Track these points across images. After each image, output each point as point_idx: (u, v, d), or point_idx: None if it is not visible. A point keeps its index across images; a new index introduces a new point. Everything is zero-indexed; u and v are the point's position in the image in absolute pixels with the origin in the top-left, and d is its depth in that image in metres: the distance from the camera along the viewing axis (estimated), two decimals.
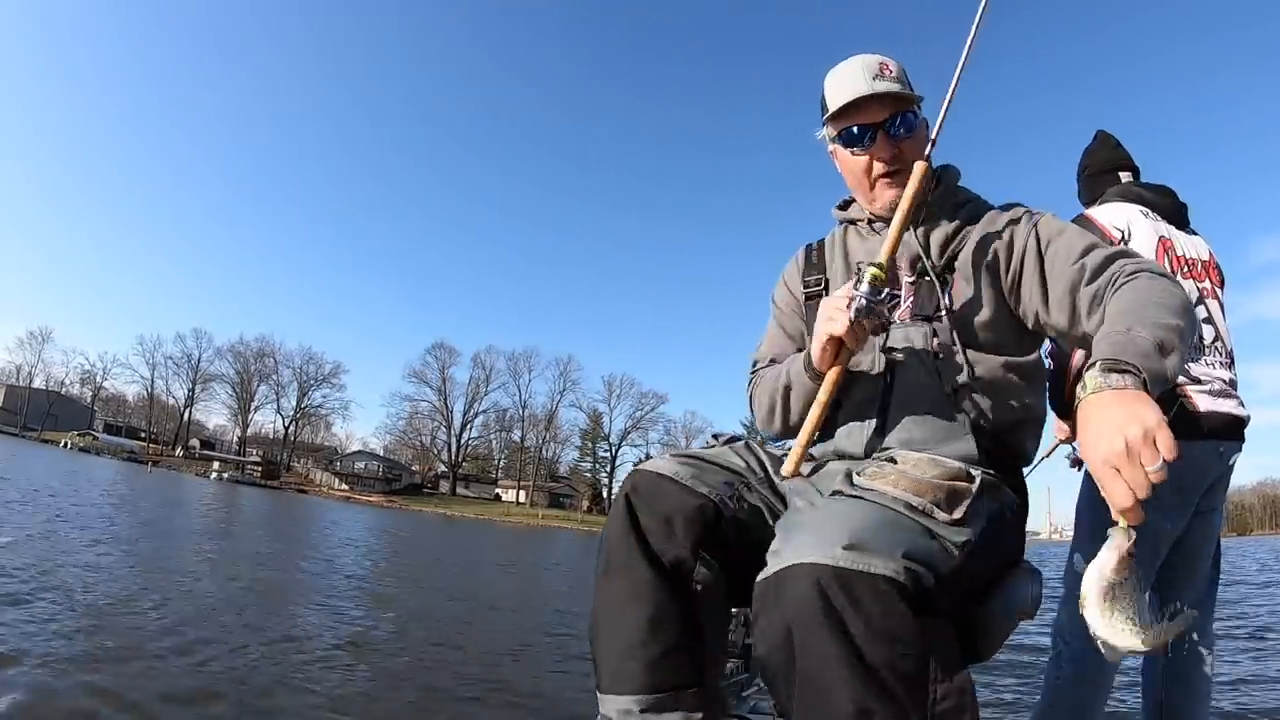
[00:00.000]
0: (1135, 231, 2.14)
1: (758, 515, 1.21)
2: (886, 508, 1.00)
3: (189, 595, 5.60)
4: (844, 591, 0.84)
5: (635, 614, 1.09)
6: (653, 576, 1.10)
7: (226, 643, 4.19)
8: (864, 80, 1.34)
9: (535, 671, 4.74)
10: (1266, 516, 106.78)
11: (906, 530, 0.97)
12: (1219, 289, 2.20)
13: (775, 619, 0.89)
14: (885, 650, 0.83)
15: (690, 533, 1.12)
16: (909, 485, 1.04)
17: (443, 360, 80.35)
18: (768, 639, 0.90)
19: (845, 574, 0.85)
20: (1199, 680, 2.10)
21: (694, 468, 1.20)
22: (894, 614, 0.85)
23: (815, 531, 0.93)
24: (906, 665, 0.83)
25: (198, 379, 78.15)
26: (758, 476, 1.28)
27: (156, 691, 3.16)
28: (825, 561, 0.86)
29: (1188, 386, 2.03)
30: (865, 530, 0.91)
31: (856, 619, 0.83)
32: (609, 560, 1.15)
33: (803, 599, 0.86)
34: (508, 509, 68.80)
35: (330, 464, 76.02)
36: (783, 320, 1.58)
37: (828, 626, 0.83)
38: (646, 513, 1.14)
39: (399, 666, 4.37)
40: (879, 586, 0.85)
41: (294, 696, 3.42)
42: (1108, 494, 0.86)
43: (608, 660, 1.10)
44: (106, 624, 4.22)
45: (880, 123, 1.35)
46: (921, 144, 1.38)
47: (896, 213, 1.29)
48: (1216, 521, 2.17)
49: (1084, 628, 2.20)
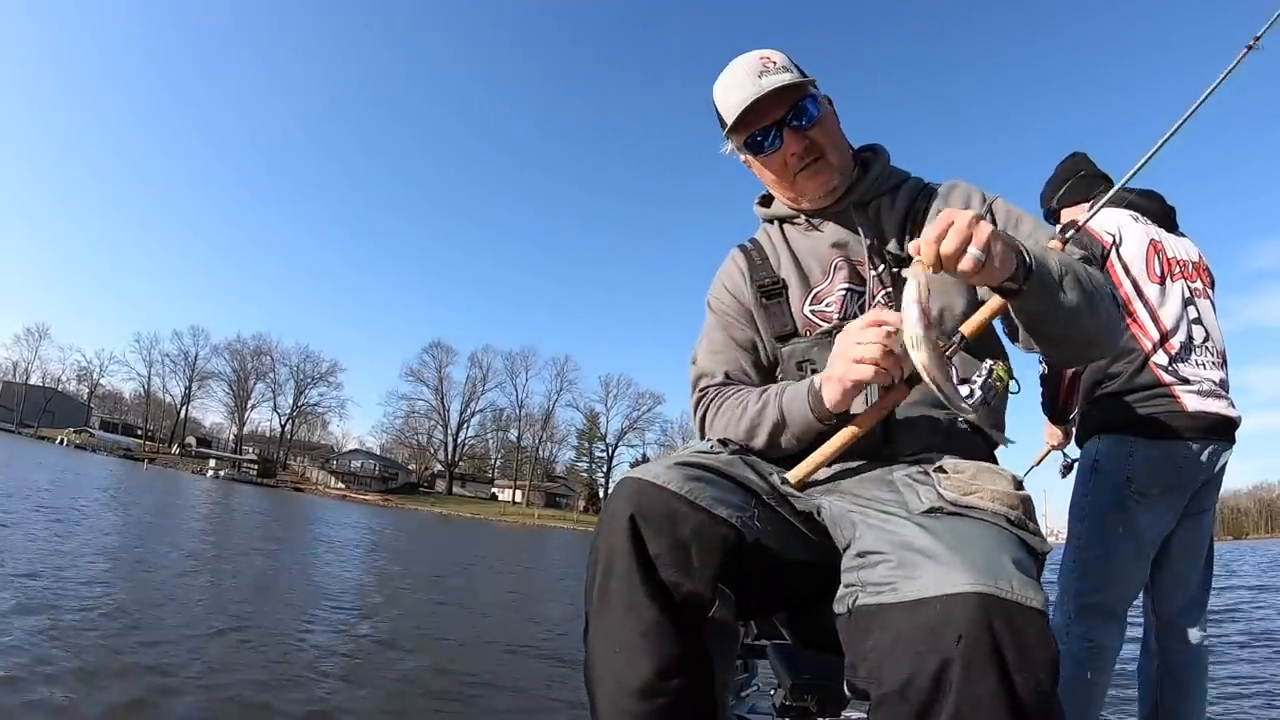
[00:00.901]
0: (1126, 235, 2.15)
1: (777, 535, 1.09)
2: (1000, 527, 0.96)
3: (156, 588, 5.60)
4: (1007, 624, 0.79)
5: (640, 658, 0.93)
6: (661, 614, 0.94)
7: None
8: (750, 83, 1.27)
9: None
10: (1262, 520, 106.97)
11: (1021, 550, 0.93)
12: (1209, 289, 2.22)
13: (925, 650, 0.80)
14: (1032, 687, 0.78)
15: (710, 564, 0.97)
16: (1001, 499, 1.01)
17: (440, 359, 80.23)
18: (912, 672, 0.80)
19: (1010, 605, 0.80)
20: (1195, 681, 2.12)
21: (709, 484, 1.04)
22: (1043, 648, 0.80)
23: (958, 555, 0.86)
24: (1041, 703, 0.78)
25: (194, 377, 77.89)
26: (774, 492, 1.15)
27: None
28: (992, 591, 0.80)
29: (1176, 386, 2.04)
30: (1009, 555, 0.88)
31: (1015, 653, 0.78)
32: (609, 590, 0.97)
33: (972, 631, 0.78)
34: (504, 508, 68.64)
35: (326, 462, 75.67)
36: (731, 329, 1.42)
37: (993, 661, 0.78)
38: (655, 537, 0.97)
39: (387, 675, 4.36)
40: (1034, 618, 0.81)
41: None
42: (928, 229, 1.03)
43: (608, 708, 0.95)
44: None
45: (781, 119, 1.29)
46: (832, 126, 1.35)
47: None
48: (1208, 523, 2.18)
49: (1081, 628, 2.18)
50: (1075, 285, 1.10)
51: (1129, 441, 2.06)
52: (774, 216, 1.46)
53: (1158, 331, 2.08)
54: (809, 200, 1.37)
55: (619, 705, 0.93)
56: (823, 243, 1.38)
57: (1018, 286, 1.05)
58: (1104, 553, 2.07)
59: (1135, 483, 2.03)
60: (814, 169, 1.32)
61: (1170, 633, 2.15)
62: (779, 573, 1.10)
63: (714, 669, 0.98)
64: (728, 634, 1.03)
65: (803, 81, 1.29)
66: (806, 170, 1.33)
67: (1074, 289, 1.09)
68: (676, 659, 0.93)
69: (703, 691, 0.96)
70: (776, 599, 1.19)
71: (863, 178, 1.37)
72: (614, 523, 0.99)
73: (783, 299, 1.37)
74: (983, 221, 1.00)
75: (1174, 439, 2.02)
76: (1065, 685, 2.02)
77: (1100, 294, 1.15)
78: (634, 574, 0.95)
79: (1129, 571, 2.07)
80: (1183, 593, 2.15)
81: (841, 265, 1.34)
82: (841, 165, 1.35)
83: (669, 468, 1.05)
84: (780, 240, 1.43)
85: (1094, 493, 2.12)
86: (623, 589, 0.96)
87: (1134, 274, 2.13)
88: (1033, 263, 1.05)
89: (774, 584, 1.12)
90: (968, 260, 0.99)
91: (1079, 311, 1.11)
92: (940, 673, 0.78)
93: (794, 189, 1.36)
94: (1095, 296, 1.13)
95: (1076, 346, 1.21)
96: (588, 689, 0.98)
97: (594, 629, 0.98)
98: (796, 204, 1.40)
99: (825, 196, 1.36)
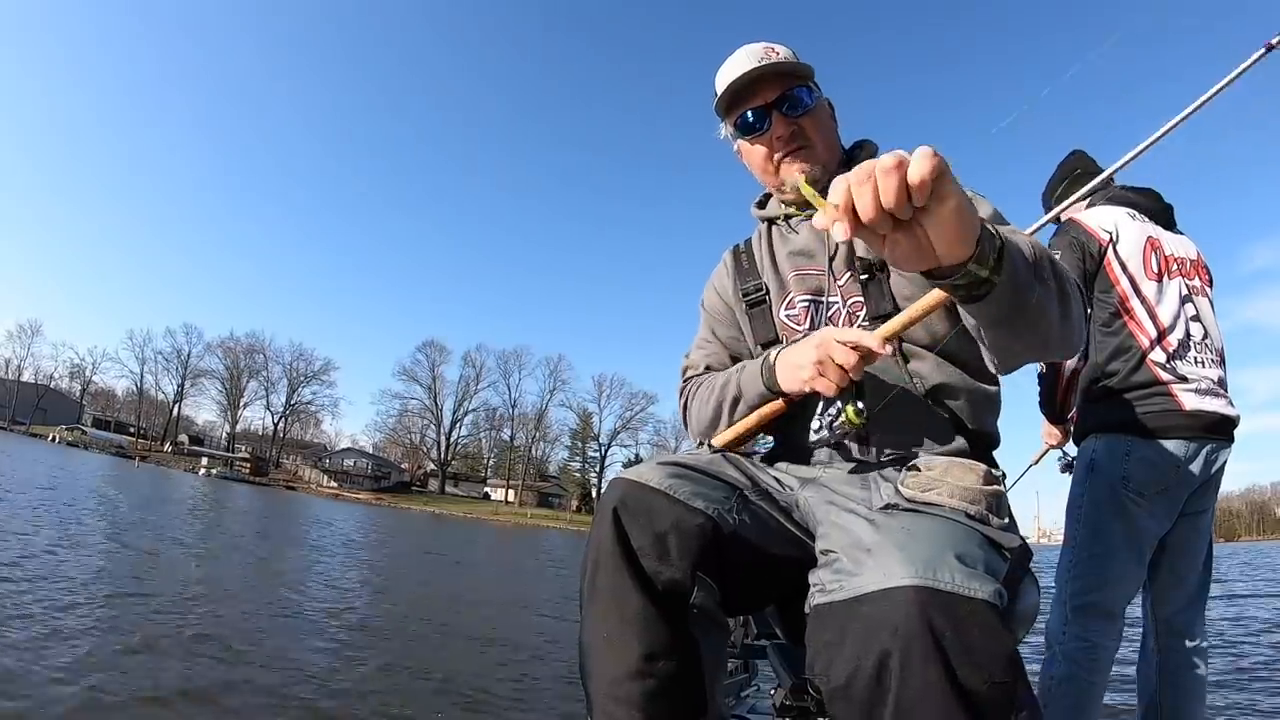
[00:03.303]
0: (1123, 233, 2.15)
1: (757, 529, 1.13)
2: (955, 521, 0.96)
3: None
4: (947, 616, 0.78)
5: (628, 644, 0.99)
6: (646, 602, 1.00)
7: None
8: (749, 64, 1.29)
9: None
10: (1254, 523, 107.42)
11: (977, 543, 0.92)
12: (1208, 287, 2.22)
13: (865, 646, 0.80)
14: (981, 680, 0.77)
15: (687, 553, 1.02)
16: (961, 493, 1.00)
17: (433, 358, 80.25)
18: (854, 667, 0.81)
19: (949, 597, 0.80)
20: (1193, 681, 2.11)
21: (689, 480, 1.10)
22: (992, 640, 0.79)
23: (899, 550, 0.86)
24: (996, 695, 0.78)
25: (187, 374, 77.70)
26: (757, 488, 1.20)
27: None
28: (928, 584, 0.80)
29: (1173, 384, 2.03)
30: (955, 549, 0.87)
31: (958, 646, 0.77)
32: (597, 583, 1.04)
33: (906, 624, 0.78)
34: (496, 508, 68.61)
35: (319, 461, 75.63)
36: (717, 328, 1.49)
37: (933, 655, 0.77)
38: (637, 530, 1.03)
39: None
40: (979, 610, 0.80)
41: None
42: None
43: (600, 695, 1.00)
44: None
45: (772, 102, 1.30)
46: (824, 122, 1.35)
47: (893, 322, 1.12)
48: (1206, 523, 2.18)
49: (1078, 628, 2.18)
50: (1053, 276, 0.97)
51: (1126, 440, 2.05)
52: (765, 218, 1.47)
53: (1155, 329, 2.08)
54: (790, 190, 1.36)
55: (611, 690, 0.99)
56: (795, 247, 1.39)
57: (985, 275, 0.85)
58: (1101, 552, 2.06)
59: (1132, 482, 2.02)
60: (796, 156, 1.33)
61: (1169, 634, 2.14)
62: (762, 565, 1.12)
63: (700, 653, 1.03)
64: (712, 621, 1.06)
65: (799, 67, 1.30)
66: (790, 156, 1.33)
67: (1051, 280, 0.96)
68: (663, 644, 0.99)
69: (691, 675, 1.01)
70: (762, 592, 1.20)
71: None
72: (601, 520, 1.06)
73: (765, 306, 1.40)
74: (930, 158, 0.71)
75: (1171, 438, 2.01)
76: (1062, 685, 2.05)
77: (1072, 288, 1.02)
78: (620, 566, 1.02)
79: (1126, 571, 2.07)
80: (1181, 594, 2.15)
81: (802, 275, 1.36)
82: (827, 160, 1.34)
83: (652, 467, 1.11)
84: (765, 243, 1.45)
85: (1090, 492, 2.11)
86: (610, 580, 1.02)
87: (1131, 271, 2.12)
88: (1001, 243, 0.86)
89: (757, 576, 1.14)
90: (881, 207, 0.72)
91: (1049, 311, 0.96)
92: (880, 667, 0.79)
93: (777, 176, 1.36)
94: (1068, 292, 1.00)
95: (1034, 351, 1.08)
96: (581, 677, 1.04)
97: (586, 620, 1.05)
98: (779, 195, 1.41)
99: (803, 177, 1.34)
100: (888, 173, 0.70)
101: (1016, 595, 1.10)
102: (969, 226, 0.79)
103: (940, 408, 1.25)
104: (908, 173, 0.70)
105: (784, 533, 1.17)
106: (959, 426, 1.25)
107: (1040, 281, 0.93)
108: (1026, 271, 0.90)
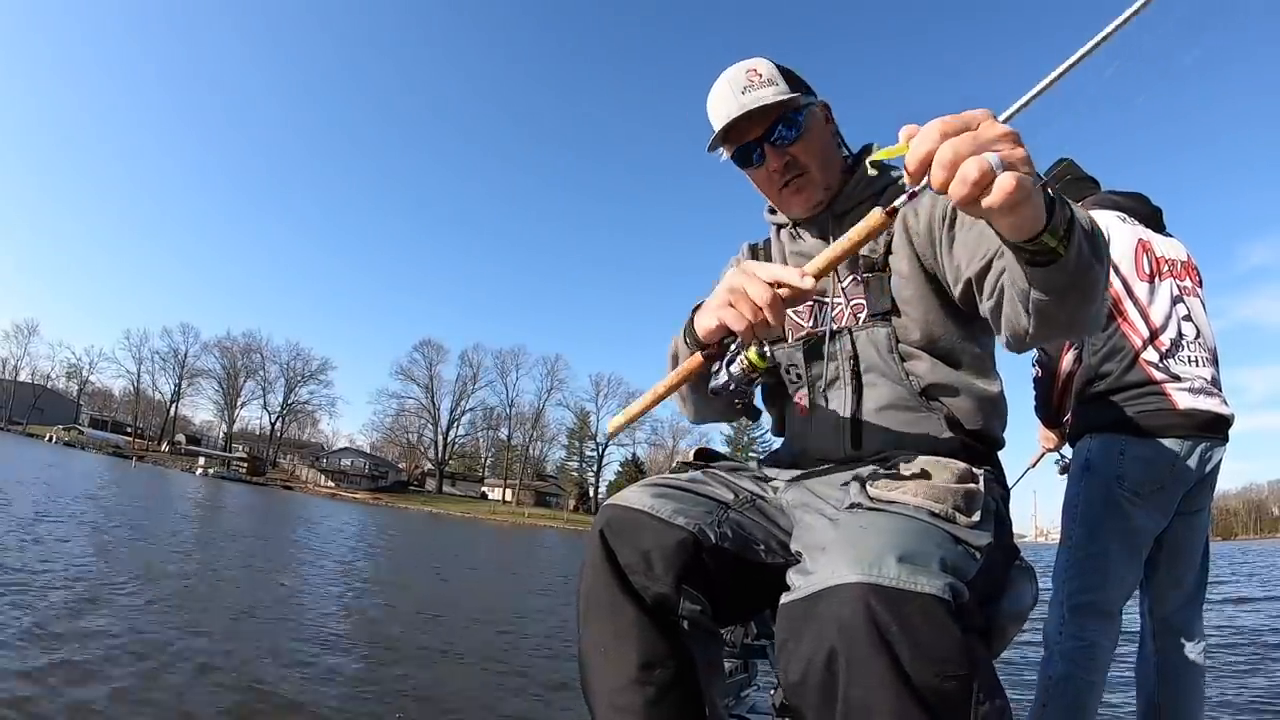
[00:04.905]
0: (1114, 236, 2.17)
1: (742, 540, 1.16)
2: (913, 519, 0.97)
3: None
4: (892, 612, 0.79)
5: (625, 655, 1.06)
6: (637, 615, 1.07)
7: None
8: (733, 100, 1.27)
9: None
10: (1251, 521, 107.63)
11: (937, 541, 0.93)
12: (1198, 288, 2.23)
13: (816, 643, 0.83)
14: (932, 674, 0.78)
15: (671, 568, 1.08)
16: (927, 492, 1.01)
17: (430, 358, 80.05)
18: (807, 664, 0.83)
19: (893, 593, 0.81)
20: (1192, 679, 2.12)
21: (671, 499, 1.15)
22: (942, 634, 0.80)
23: (850, 548, 0.87)
24: (951, 688, 0.79)
25: (184, 374, 77.46)
26: (740, 499, 1.24)
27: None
28: (871, 580, 0.82)
29: (1167, 384, 2.05)
30: (903, 545, 0.87)
31: (904, 641, 0.78)
32: (590, 601, 1.11)
33: (850, 621, 0.80)
34: (494, 507, 68.44)
35: (316, 460, 75.35)
36: None
37: (879, 650, 0.78)
38: (624, 549, 1.10)
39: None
40: (926, 605, 0.81)
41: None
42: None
43: (601, 705, 1.06)
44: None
45: (760, 137, 1.30)
46: (819, 139, 1.34)
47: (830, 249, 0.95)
48: (1203, 522, 2.19)
49: (1075, 628, 2.19)
50: (1108, 257, 0.93)
51: (1120, 440, 2.07)
52: (775, 223, 1.50)
53: (1147, 329, 2.09)
54: (792, 215, 1.41)
55: (611, 700, 1.05)
56: (800, 251, 1.41)
57: (1055, 243, 0.83)
58: (1097, 552, 2.07)
59: (1127, 481, 2.03)
60: (796, 185, 1.34)
61: (1167, 633, 2.15)
62: (750, 574, 1.16)
63: (695, 660, 1.09)
64: (702, 631, 1.11)
65: (783, 100, 1.27)
66: (789, 187, 1.34)
67: (1108, 260, 0.93)
68: (658, 653, 1.06)
69: (687, 683, 1.07)
70: (754, 599, 1.21)
71: (846, 186, 1.37)
72: (591, 543, 1.14)
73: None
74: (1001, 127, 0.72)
75: (1166, 437, 2.02)
76: (1060, 684, 2.06)
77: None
78: (610, 583, 1.09)
79: (1122, 571, 2.08)
80: (1179, 593, 2.16)
81: None
82: (827, 181, 1.35)
83: (636, 490, 1.19)
84: (777, 247, 1.48)
85: (1086, 492, 2.12)
86: (602, 598, 1.10)
87: (1123, 272, 2.14)
88: (1072, 212, 0.85)
89: (746, 585, 1.17)
90: (979, 175, 0.69)
91: (1099, 288, 0.93)
92: (829, 663, 0.81)
93: (780, 201, 1.40)
94: (1108, 273, 0.98)
95: (1075, 327, 1.00)
96: (583, 691, 1.10)
97: (584, 636, 1.12)
98: (788, 213, 1.43)
99: (808, 211, 1.38)
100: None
101: (1003, 593, 1.11)
102: (1039, 205, 0.78)
103: (936, 408, 1.26)
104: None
105: (772, 539, 1.20)
106: (955, 427, 1.26)
107: (1099, 261, 0.90)
108: (1089, 247, 0.88)
